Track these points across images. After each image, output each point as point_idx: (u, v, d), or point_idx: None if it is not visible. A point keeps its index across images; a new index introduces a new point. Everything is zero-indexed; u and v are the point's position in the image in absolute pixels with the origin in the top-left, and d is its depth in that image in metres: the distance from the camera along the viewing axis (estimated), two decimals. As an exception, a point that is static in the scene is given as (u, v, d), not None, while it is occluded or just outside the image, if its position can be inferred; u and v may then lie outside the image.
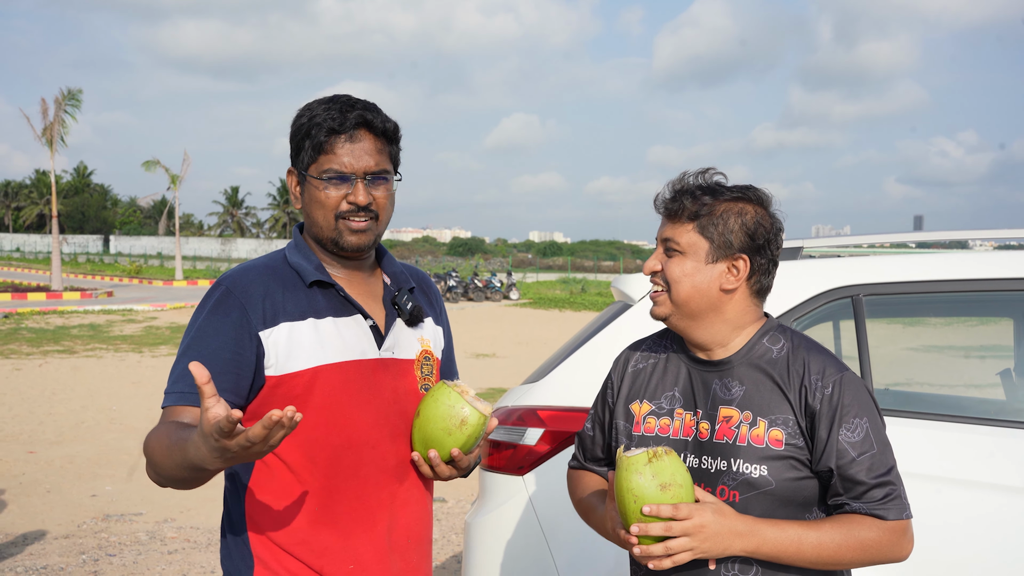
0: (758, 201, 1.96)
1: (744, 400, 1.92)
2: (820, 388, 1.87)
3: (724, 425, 1.92)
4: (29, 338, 18.70)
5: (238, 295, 1.97)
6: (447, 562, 5.74)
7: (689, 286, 1.92)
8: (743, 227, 1.91)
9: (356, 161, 1.99)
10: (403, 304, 2.12)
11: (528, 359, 16.27)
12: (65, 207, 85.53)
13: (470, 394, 2.00)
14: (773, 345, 1.96)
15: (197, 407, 1.87)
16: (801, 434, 1.87)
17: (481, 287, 36.63)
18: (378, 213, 2.04)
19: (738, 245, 1.91)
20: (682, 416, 1.99)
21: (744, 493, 1.87)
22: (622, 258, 70.30)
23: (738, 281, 1.93)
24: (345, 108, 1.99)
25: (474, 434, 1.99)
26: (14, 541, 6.06)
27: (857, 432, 1.85)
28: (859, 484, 1.83)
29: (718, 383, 1.96)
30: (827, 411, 1.85)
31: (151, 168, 48.87)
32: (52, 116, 36.88)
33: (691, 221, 1.92)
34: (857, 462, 1.83)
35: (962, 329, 11.62)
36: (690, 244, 1.93)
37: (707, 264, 1.92)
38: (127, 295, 34.60)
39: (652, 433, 2.01)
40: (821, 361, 1.90)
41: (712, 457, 1.92)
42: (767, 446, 1.87)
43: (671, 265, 1.95)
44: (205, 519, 6.63)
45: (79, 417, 10.42)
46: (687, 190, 1.95)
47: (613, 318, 3.19)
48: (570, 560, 2.89)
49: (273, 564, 1.97)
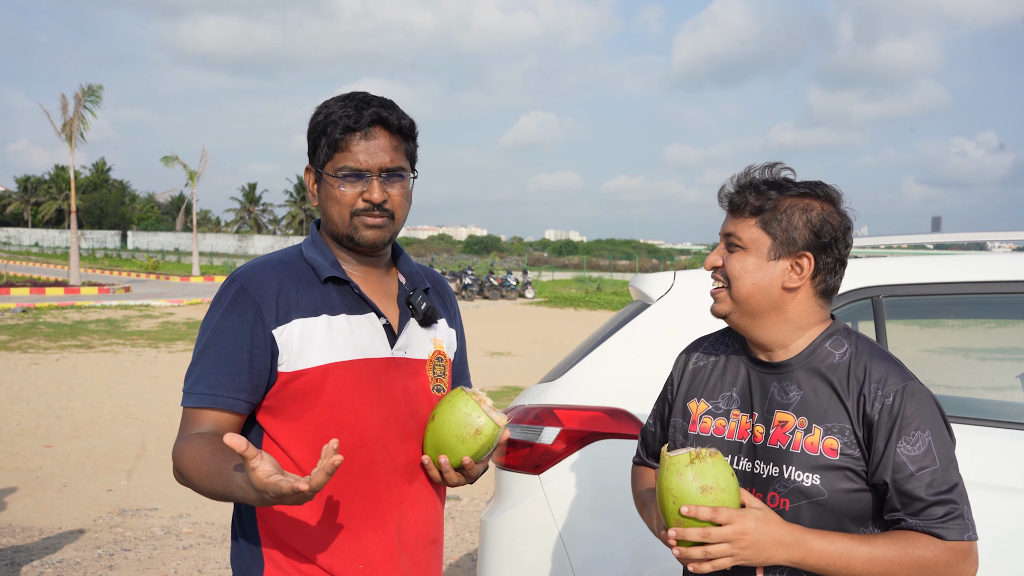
0: (826, 197, 1.88)
1: (801, 405, 1.85)
2: (880, 397, 1.79)
3: (779, 430, 1.86)
4: (47, 333, 18.80)
5: (252, 292, 1.96)
6: (461, 560, 5.74)
7: (750, 283, 1.87)
8: (808, 224, 1.84)
9: (371, 158, 1.98)
10: (417, 304, 2.11)
11: (543, 358, 16.26)
12: (84, 203, 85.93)
13: (487, 404, 1.97)
14: (836, 349, 1.88)
15: (218, 410, 1.92)
16: (857, 444, 1.79)
17: (497, 285, 36.61)
18: (394, 211, 2.03)
19: (802, 242, 1.84)
20: (738, 418, 1.94)
21: (795, 501, 1.81)
22: (638, 257, 70.15)
23: (801, 280, 1.86)
24: (361, 105, 1.99)
25: (487, 444, 1.97)
26: (30, 534, 6.09)
27: (918, 446, 1.76)
28: (917, 500, 1.75)
29: (776, 386, 1.90)
30: (886, 421, 1.77)
31: (170, 163, 49.12)
32: (72, 112, 37.07)
33: (754, 216, 1.87)
34: (916, 477, 1.74)
35: (980, 331, 11.53)
36: (752, 240, 1.87)
37: (769, 261, 1.86)
38: (144, 291, 34.77)
39: (707, 433, 1.97)
40: (883, 369, 1.82)
41: (765, 462, 1.87)
42: (821, 454, 1.80)
43: (732, 261, 1.89)
44: (220, 515, 6.65)
45: (96, 412, 10.47)
46: (752, 184, 1.89)
47: (631, 318, 3.17)
48: (586, 560, 2.88)
49: (283, 563, 1.97)
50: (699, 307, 3.06)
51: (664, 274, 3.20)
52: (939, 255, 3.28)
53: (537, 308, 31.34)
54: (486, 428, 1.94)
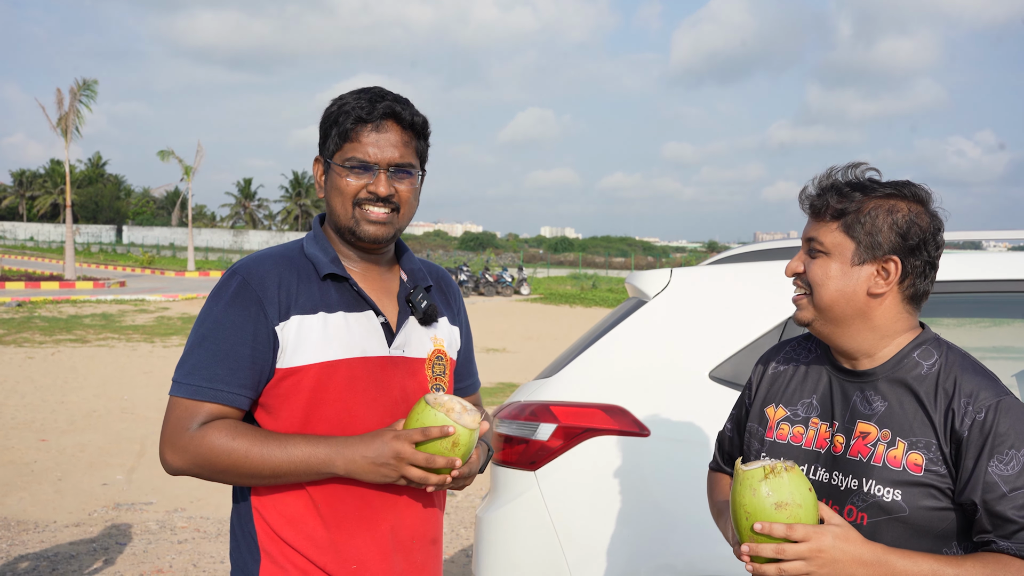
0: (914, 198, 1.78)
1: (885, 417, 1.77)
2: (971, 413, 1.69)
3: (860, 441, 1.78)
4: (42, 327, 18.78)
5: (255, 287, 1.95)
6: (456, 556, 5.75)
7: (833, 290, 1.78)
8: (893, 226, 1.75)
9: (380, 152, 1.97)
10: (417, 302, 2.09)
11: (538, 354, 16.26)
12: (79, 197, 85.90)
13: (456, 410, 1.88)
14: (924, 360, 1.79)
15: (215, 403, 1.91)
16: (944, 461, 1.70)
17: (492, 282, 36.60)
18: (400, 206, 2.01)
19: (888, 246, 1.75)
20: (817, 426, 1.86)
21: (873, 516, 1.74)
22: (633, 254, 70.20)
23: (888, 285, 1.77)
24: (375, 98, 1.98)
25: (467, 450, 1.89)
26: (25, 528, 6.09)
27: (1012, 465, 1.66)
28: (1009, 523, 1.65)
29: (859, 395, 1.82)
30: (976, 439, 1.68)
31: (165, 158, 49.01)
32: (67, 106, 36.98)
33: (836, 220, 1.78)
34: (1008, 498, 1.65)
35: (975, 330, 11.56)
36: (835, 244, 1.78)
37: (853, 266, 1.77)
38: (139, 285, 34.72)
39: (784, 440, 1.90)
40: (975, 383, 1.73)
41: (843, 474, 1.79)
42: (904, 469, 1.72)
43: (814, 267, 1.81)
44: (215, 509, 6.65)
45: (91, 406, 10.46)
46: (834, 186, 1.80)
47: (627, 314, 3.17)
48: (582, 556, 2.89)
49: (279, 558, 1.97)
50: (695, 304, 3.07)
51: (661, 271, 3.20)
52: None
53: (532, 305, 31.35)
54: (462, 437, 1.86)
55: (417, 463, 1.84)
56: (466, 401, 1.95)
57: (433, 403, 1.87)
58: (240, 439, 1.88)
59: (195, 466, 1.92)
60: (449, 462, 1.84)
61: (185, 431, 1.91)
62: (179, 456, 1.91)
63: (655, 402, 2.91)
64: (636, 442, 2.87)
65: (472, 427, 1.87)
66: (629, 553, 2.82)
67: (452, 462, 1.85)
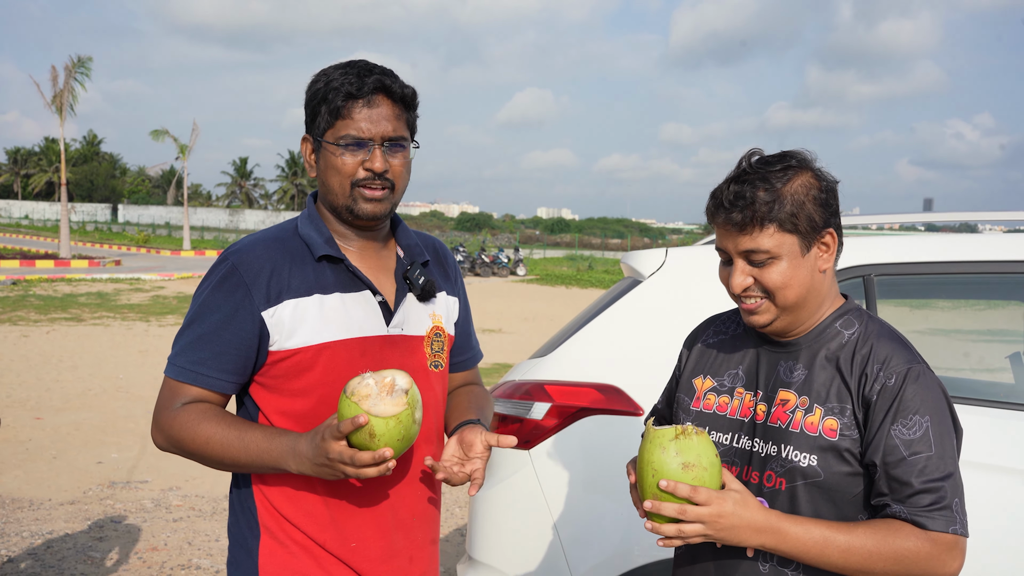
0: (806, 164, 1.81)
1: (804, 384, 1.82)
2: (881, 378, 1.75)
3: (780, 408, 1.83)
4: (37, 305, 18.74)
5: (243, 272, 1.95)
6: (450, 535, 5.76)
7: (797, 287, 1.79)
8: (816, 200, 1.78)
9: (374, 126, 1.95)
10: (415, 279, 2.08)
11: (534, 335, 16.28)
12: (74, 175, 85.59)
13: (371, 396, 1.75)
14: (846, 329, 1.85)
15: (199, 388, 1.95)
16: (857, 426, 1.76)
17: (488, 262, 36.60)
18: (394, 181, 2.00)
19: (820, 221, 1.79)
20: (742, 396, 1.91)
21: (791, 481, 1.78)
22: (630, 236, 70.17)
23: (832, 256, 1.83)
24: (363, 73, 1.96)
25: (392, 439, 1.75)
26: (20, 506, 6.10)
27: (914, 430, 1.70)
28: (905, 485, 1.69)
29: (783, 365, 1.87)
30: (884, 403, 1.73)
31: (159, 138, 48.79)
32: (62, 84, 36.78)
33: (769, 224, 1.76)
34: (907, 462, 1.69)
35: (969, 313, 11.59)
36: (779, 246, 1.77)
37: (803, 256, 1.79)
38: (135, 264, 34.65)
39: (710, 410, 1.94)
40: (889, 349, 1.78)
41: (764, 441, 1.83)
42: (820, 435, 1.77)
43: (768, 274, 1.79)
44: (210, 488, 6.66)
45: (86, 384, 10.46)
46: (746, 196, 1.77)
47: (622, 294, 3.17)
48: (575, 535, 2.89)
49: (279, 534, 1.98)
50: (690, 284, 3.06)
51: (656, 251, 3.20)
52: (933, 235, 3.28)
53: (528, 286, 31.36)
54: (377, 427, 1.72)
55: (344, 461, 1.75)
56: (403, 377, 1.81)
57: (349, 393, 1.75)
58: (206, 424, 1.90)
59: (171, 446, 1.96)
60: (376, 456, 1.72)
61: (167, 410, 1.95)
62: (159, 434, 1.97)
63: (650, 382, 2.90)
64: (630, 421, 2.87)
65: (390, 413, 1.73)
66: (623, 531, 2.83)
67: (379, 456, 1.72)
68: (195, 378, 1.93)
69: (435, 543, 2.18)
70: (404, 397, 1.77)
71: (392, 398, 1.75)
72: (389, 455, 1.74)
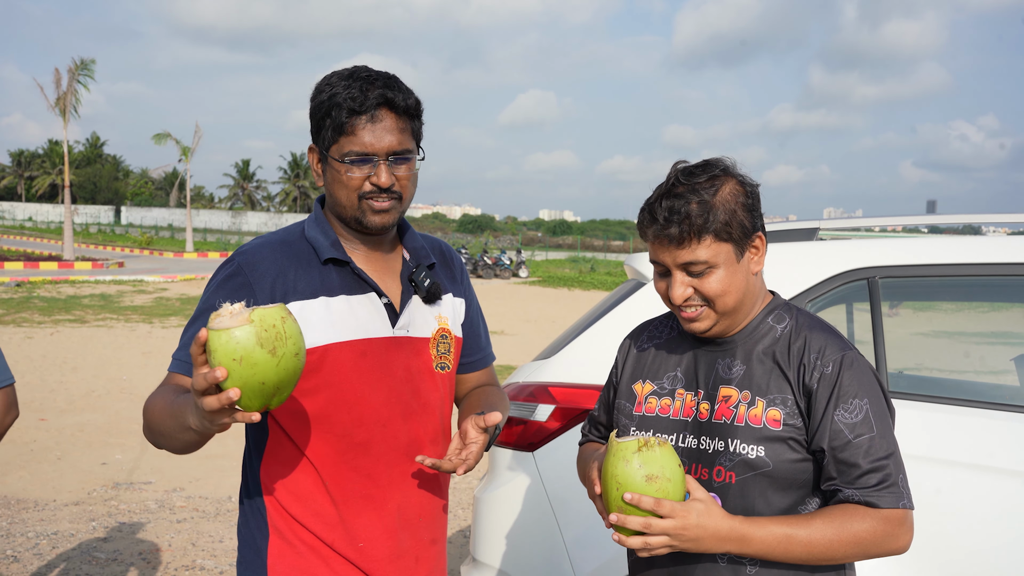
0: (729, 171, 1.86)
1: (744, 379, 1.88)
2: (819, 367, 1.81)
3: (723, 405, 1.88)
4: (41, 307, 18.77)
5: (247, 274, 1.96)
6: (453, 536, 5.77)
7: (735, 292, 1.85)
8: (744, 206, 1.83)
9: (378, 141, 1.94)
10: (420, 281, 2.09)
11: (536, 337, 16.28)
12: (77, 177, 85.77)
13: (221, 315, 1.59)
14: (778, 324, 1.91)
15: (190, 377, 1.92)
16: (800, 414, 1.82)
17: (490, 264, 36.59)
18: (402, 193, 2.00)
19: (750, 226, 1.84)
20: (683, 396, 1.95)
21: (741, 474, 1.83)
22: (632, 238, 70.16)
23: (762, 257, 1.89)
24: (365, 86, 1.94)
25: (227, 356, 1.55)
26: (25, 506, 6.11)
27: (855, 413, 1.78)
28: (853, 467, 1.77)
29: (721, 363, 1.92)
30: (824, 390, 1.80)
31: (161, 141, 48.88)
32: (65, 86, 36.86)
33: (707, 235, 1.80)
34: (853, 444, 1.77)
35: (973, 315, 11.58)
36: (716, 255, 1.82)
37: (738, 262, 1.85)
38: (138, 266, 34.69)
39: (652, 413, 1.97)
40: (822, 339, 1.85)
41: (710, 437, 1.88)
42: (764, 426, 1.82)
43: (708, 283, 1.83)
44: (214, 489, 6.67)
45: (90, 386, 10.48)
46: (680, 211, 1.80)
47: (626, 296, 3.18)
48: (578, 537, 2.90)
49: (288, 534, 1.99)
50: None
51: (661, 253, 3.20)
52: (937, 237, 3.29)
53: (531, 288, 31.36)
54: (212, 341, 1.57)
55: (196, 388, 1.58)
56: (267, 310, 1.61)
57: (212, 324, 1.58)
58: (154, 398, 1.88)
59: (145, 430, 1.92)
60: (208, 375, 1.54)
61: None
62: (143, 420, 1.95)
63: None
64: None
65: (220, 327, 1.56)
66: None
67: (212, 376, 1.54)
68: (189, 369, 1.93)
69: (442, 543, 2.19)
70: (247, 314, 1.58)
71: (233, 317, 1.57)
72: (221, 375, 1.54)
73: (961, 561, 2.62)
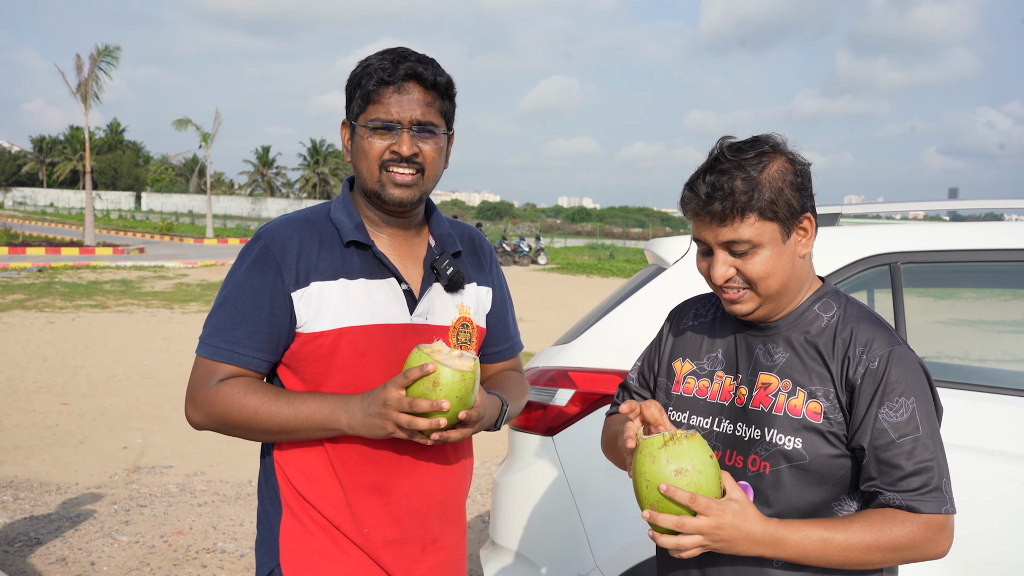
0: (779, 148, 1.79)
1: (785, 367, 1.81)
2: (864, 361, 1.73)
3: (762, 392, 1.82)
4: (62, 292, 18.91)
5: (275, 253, 1.97)
6: (472, 522, 5.79)
7: (780, 275, 1.78)
8: (793, 185, 1.75)
9: (402, 111, 1.95)
10: (443, 269, 2.08)
11: (555, 324, 16.27)
12: (98, 163, 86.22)
13: (442, 352, 1.81)
14: (824, 312, 1.84)
15: (234, 366, 1.96)
16: (841, 409, 1.75)
17: (509, 251, 36.58)
18: (424, 165, 1.99)
19: (798, 206, 1.76)
20: (722, 379, 1.89)
21: (776, 465, 1.77)
22: (651, 225, 69.99)
23: (810, 240, 1.82)
24: (398, 59, 1.96)
25: (452, 391, 1.79)
26: (47, 489, 6.17)
27: (901, 412, 1.70)
28: (895, 468, 1.69)
29: (762, 348, 1.85)
30: (869, 386, 1.72)
31: (182, 127, 49.07)
32: (87, 72, 37.01)
33: (750, 213, 1.73)
34: (896, 444, 1.69)
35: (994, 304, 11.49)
36: (760, 234, 1.74)
37: (784, 243, 1.77)
38: (158, 252, 34.89)
39: (690, 394, 1.93)
40: (870, 332, 1.77)
41: (747, 424, 1.82)
42: (804, 417, 1.76)
43: (751, 264, 1.76)
44: (234, 473, 6.71)
45: (111, 371, 10.56)
46: (724, 187, 1.73)
47: (647, 281, 3.17)
48: (598, 521, 2.90)
49: (299, 513, 2.01)
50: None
51: (680, 238, 3.19)
52: (960, 223, 3.26)
53: (549, 275, 31.33)
54: (443, 376, 1.78)
55: (402, 408, 1.79)
56: (469, 352, 1.88)
57: (422, 348, 1.83)
58: (252, 395, 1.92)
59: (212, 421, 1.97)
60: (433, 405, 1.77)
61: (204, 388, 1.96)
62: (198, 411, 1.98)
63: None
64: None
65: (458, 368, 1.79)
66: (646, 518, 2.83)
67: (437, 404, 1.76)
68: (230, 356, 1.95)
69: (457, 535, 2.16)
70: (472, 362, 1.82)
71: (461, 359, 1.81)
72: (446, 407, 1.77)
73: (984, 548, 2.61)
